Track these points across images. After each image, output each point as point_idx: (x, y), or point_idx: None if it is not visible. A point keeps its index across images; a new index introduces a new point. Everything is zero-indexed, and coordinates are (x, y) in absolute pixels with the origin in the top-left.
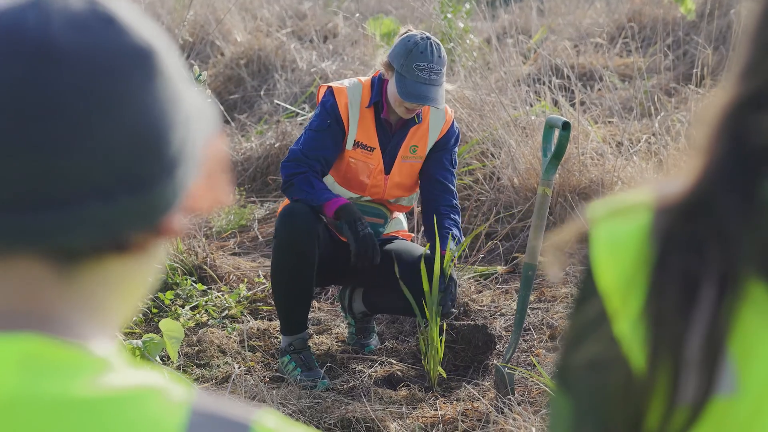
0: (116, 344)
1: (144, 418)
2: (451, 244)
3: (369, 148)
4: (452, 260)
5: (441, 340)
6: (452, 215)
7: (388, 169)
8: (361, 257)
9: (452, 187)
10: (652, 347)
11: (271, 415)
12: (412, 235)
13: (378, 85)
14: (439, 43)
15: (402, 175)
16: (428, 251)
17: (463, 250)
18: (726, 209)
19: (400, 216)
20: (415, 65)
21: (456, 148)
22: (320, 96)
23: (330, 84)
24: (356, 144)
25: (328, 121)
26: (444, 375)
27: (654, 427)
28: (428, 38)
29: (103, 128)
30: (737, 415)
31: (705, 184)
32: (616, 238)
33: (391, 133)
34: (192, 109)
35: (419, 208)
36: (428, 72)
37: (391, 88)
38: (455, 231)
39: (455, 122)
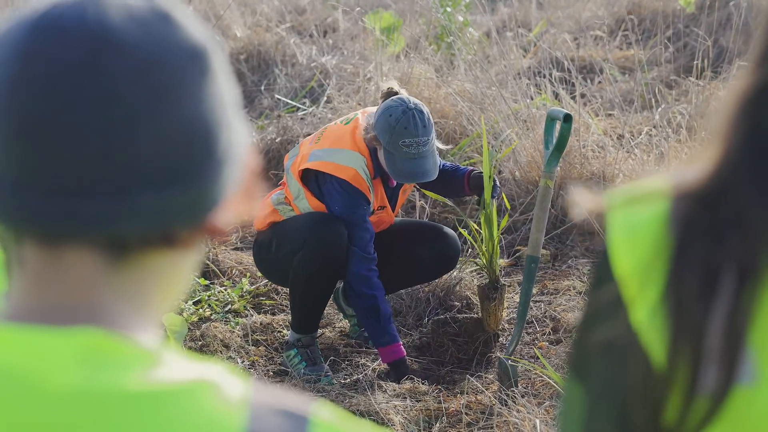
0: (162, 336)
1: (203, 411)
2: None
3: (382, 208)
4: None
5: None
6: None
7: (393, 208)
8: None
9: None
10: (672, 335)
11: (325, 407)
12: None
13: (375, 153)
14: (422, 108)
15: (401, 203)
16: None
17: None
18: (745, 198)
19: None
20: (401, 142)
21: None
22: (295, 169)
23: (337, 174)
24: (374, 211)
25: (365, 207)
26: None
27: (673, 419)
28: (408, 109)
29: (159, 120)
30: (757, 405)
31: (723, 172)
32: (633, 224)
33: (393, 186)
34: (234, 111)
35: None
36: (415, 146)
37: (384, 163)
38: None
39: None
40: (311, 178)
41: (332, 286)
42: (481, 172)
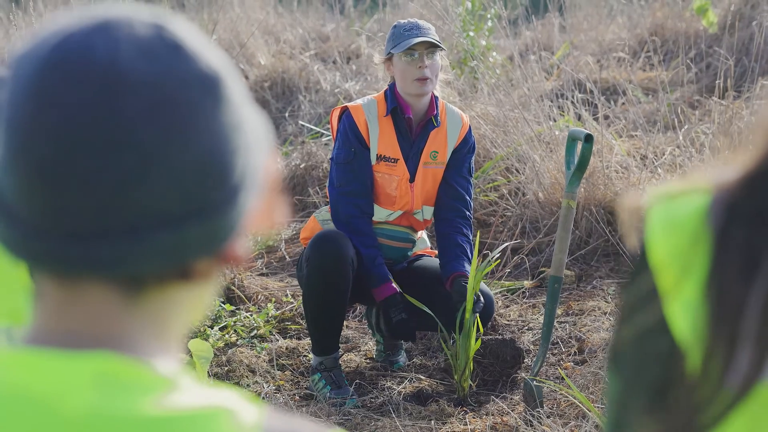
0: (180, 362)
1: None
2: (465, 265)
3: (392, 160)
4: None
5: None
6: (464, 230)
7: (412, 177)
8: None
9: (466, 196)
10: (711, 317)
11: None
12: (435, 251)
13: (391, 93)
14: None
15: (426, 183)
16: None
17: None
18: None
19: (424, 236)
20: (402, 30)
21: (472, 156)
22: (333, 119)
23: (345, 104)
24: (379, 158)
25: (352, 149)
26: (473, 387)
27: (704, 404)
28: (413, 19)
29: (172, 158)
30: None
31: (766, 159)
32: (672, 216)
33: (413, 138)
34: (251, 132)
35: None
36: (415, 29)
37: (397, 73)
38: (467, 255)
39: (471, 129)
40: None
41: (341, 302)
42: (466, 283)
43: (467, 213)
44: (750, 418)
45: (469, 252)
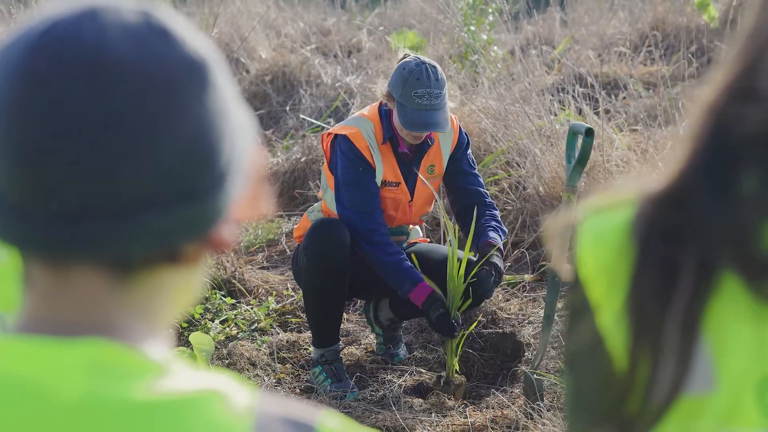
0: (171, 347)
1: (209, 421)
2: (491, 234)
3: (395, 184)
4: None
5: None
6: (488, 212)
7: (412, 196)
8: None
9: (480, 189)
10: (632, 332)
11: (333, 416)
12: (428, 239)
13: (386, 119)
14: (435, 65)
15: (424, 197)
16: (471, 257)
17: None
18: (700, 199)
19: (417, 227)
20: (413, 93)
21: (468, 150)
22: (327, 144)
23: (339, 132)
24: (383, 183)
25: (361, 169)
26: (458, 371)
27: (634, 414)
28: (423, 63)
29: (160, 141)
30: (713, 412)
31: (685, 174)
32: (599, 230)
33: (410, 161)
34: (237, 119)
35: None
36: (427, 97)
37: (396, 118)
38: (493, 224)
39: (461, 128)
40: (333, 162)
41: (341, 289)
42: (490, 245)
43: (487, 201)
44: (676, 429)
45: (493, 223)
